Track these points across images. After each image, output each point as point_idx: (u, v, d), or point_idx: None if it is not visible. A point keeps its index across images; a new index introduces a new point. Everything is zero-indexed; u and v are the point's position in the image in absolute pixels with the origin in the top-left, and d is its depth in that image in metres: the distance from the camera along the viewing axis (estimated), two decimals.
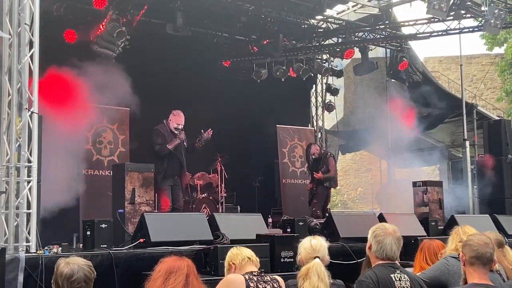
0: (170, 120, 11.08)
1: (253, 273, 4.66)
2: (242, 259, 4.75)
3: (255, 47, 14.10)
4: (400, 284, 4.39)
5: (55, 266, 3.86)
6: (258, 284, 4.58)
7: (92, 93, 11.73)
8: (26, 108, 6.44)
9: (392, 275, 4.40)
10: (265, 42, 13.59)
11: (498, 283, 4.36)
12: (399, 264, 4.62)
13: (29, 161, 6.43)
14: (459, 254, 4.61)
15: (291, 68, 14.96)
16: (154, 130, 11.14)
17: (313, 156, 13.76)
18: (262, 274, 4.70)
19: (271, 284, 4.66)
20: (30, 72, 6.55)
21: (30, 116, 6.47)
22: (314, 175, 13.45)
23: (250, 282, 4.56)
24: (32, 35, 6.62)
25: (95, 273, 3.90)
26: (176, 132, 11.00)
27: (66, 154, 11.51)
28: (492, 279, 4.34)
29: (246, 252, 4.84)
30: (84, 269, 3.79)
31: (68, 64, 11.17)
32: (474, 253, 4.21)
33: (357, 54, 14.93)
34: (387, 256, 4.48)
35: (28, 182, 6.39)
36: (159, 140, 11.02)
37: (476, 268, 4.24)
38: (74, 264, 3.80)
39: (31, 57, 6.55)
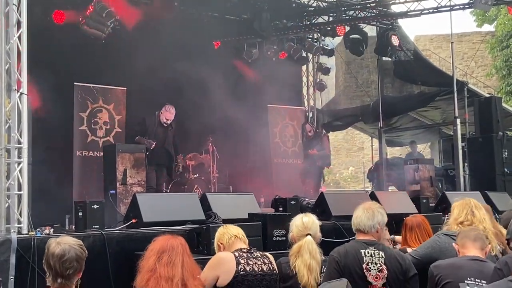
0: (161, 113, 11.18)
1: (242, 250, 4.68)
2: (229, 238, 4.78)
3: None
4: (372, 259, 4.45)
5: (46, 246, 3.84)
6: (248, 260, 4.61)
7: (88, 73, 11.74)
8: (15, 89, 6.40)
9: (362, 251, 4.48)
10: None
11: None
12: (379, 242, 4.66)
13: (19, 143, 6.39)
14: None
15: (282, 48, 14.95)
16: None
17: (310, 134, 13.81)
18: (252, 251, 4.72)
19: (261, 259, 4.69)
20: (19, 53, 6.51)
21: (19, 97, 6.43)
22: (309, 152, 13.49)
23: (240, 259, 4.59)
24: (20, 15, 6.56)
25: (87, 252, 3.89)
26: (164, 125, 11.22)
27: (59, 135, 11.53)
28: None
29: (233, 230, 4.87)
30: (75, 249, 3.78)
31: (60, 44, 11.16)
32: (463, 235, 4.49)
33: None
34: (356, 228, 4.63)
35: (19, 163, 6.36)
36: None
37: (467, 246, 4.33)
38: (65, 244, 3.78)
39: (19, 37, 6.50)
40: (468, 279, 4.08)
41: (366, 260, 4.46)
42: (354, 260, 4.46)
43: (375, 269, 4.43)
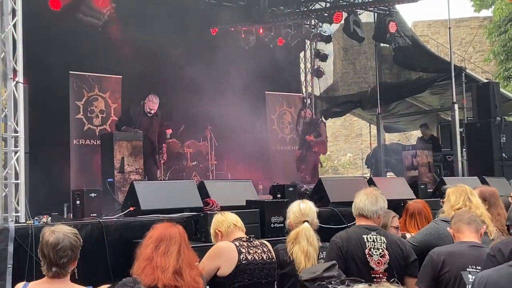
0: (145, 103, 11.16)
1: (242, 239, 4.67)
2: (228, 226, 4.72)
3: None
4: (374, 245, 4.44)
5: (40, 235, 3.83)
6: (249, 249, 4.59)
7: (82, 61, 11.69)
8: (11, 78, 6.38)
9: (364, 236, 4.47)
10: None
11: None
12: (379, 227, 4.67)
13: (16, 131, 6.39)
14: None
15: (279, 35, 14.89)
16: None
17: (305, 120, 13.79)
18: (251, 240, 4.70)
19: (261, 248, 4.68)
20: (14, 42, 6.48)
21: (15, 86, 6.41)
22: (306, 138, 13.48)
23: (241, 248, 4.57)
24: (15, 3, 6.53)
25: (81, 240, 3.87)
26: (148, 115, 11.15)
27: (56, 124, 11.52)
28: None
29: (232, 218, 4.79)
30: (69, 237, 3.75)
31: (56, 31, 11.11)
32: (457, 218, 4.42)
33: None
34: (359, 213, 4.58)
35: (16, 152, 6.36)
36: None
37: (462, 230, 4.31)
38: (59, 232, 3.76)
39: (14, 26, 6.47)
40: (469, 267, 4.08)
41: (368, 246, 4.45)
42: (357, 246, 4.44)
43: (377, 255, 4.43)
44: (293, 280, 4.68)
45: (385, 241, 4.49)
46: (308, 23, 16.04)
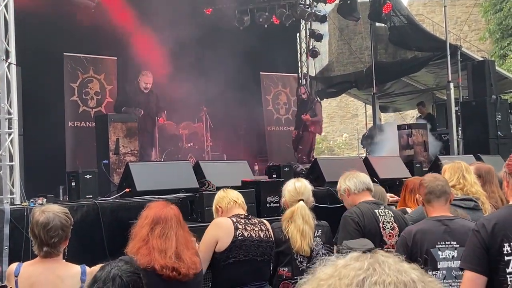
0: (139, 79, 11.10)
1: (240, 216, 4.67)
2: (228, 202, 4.75)
3: None
4: (385, 219, 4.53)
5: (31, 215, 3.82)
6: (246, 226, 4.61)
7: (77, 42, 11.63)
8: (3, 59, 6.33)
9: (376, 211, 4.56)
10: None
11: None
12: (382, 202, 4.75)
13: (9, 113, 6.35)
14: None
15: (274, 15, 14.81)
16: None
17: (303, 96, 13.81)
18: (249, 217, 4.72)
19: (258, 226, 4.69)
20: (6, 23, 6.43)
21: (8, 67, 6.36)
22: (302, 117, 13.47)
23: (238, 224, 4.59)
24: None
25: (72, 220, 3.86)
26: (145, 91, 11.12)
27: (50, 106, 11.48)
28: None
29: (233, 195, 4.83)
30: (60, 217, 3.74)
31: (50, 13, 11.03)
32: (426, 190, 4.27)
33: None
34: (366, 186, 4.67)
35: (9, 134, 6.33)
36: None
37: (433, 203, 4.26)
38: (49, 212, 3.74)
39: (6, 6, 6.41)
40: (438, 243, 4.05)
41: (381, 219, 4.54)
42: (371, 220, 4.54)
43: (388, 228, 4.54)
44: (288, 258, 4.70)
45: (393, 215, 4.63)
46: (302, 2, 15.95)
